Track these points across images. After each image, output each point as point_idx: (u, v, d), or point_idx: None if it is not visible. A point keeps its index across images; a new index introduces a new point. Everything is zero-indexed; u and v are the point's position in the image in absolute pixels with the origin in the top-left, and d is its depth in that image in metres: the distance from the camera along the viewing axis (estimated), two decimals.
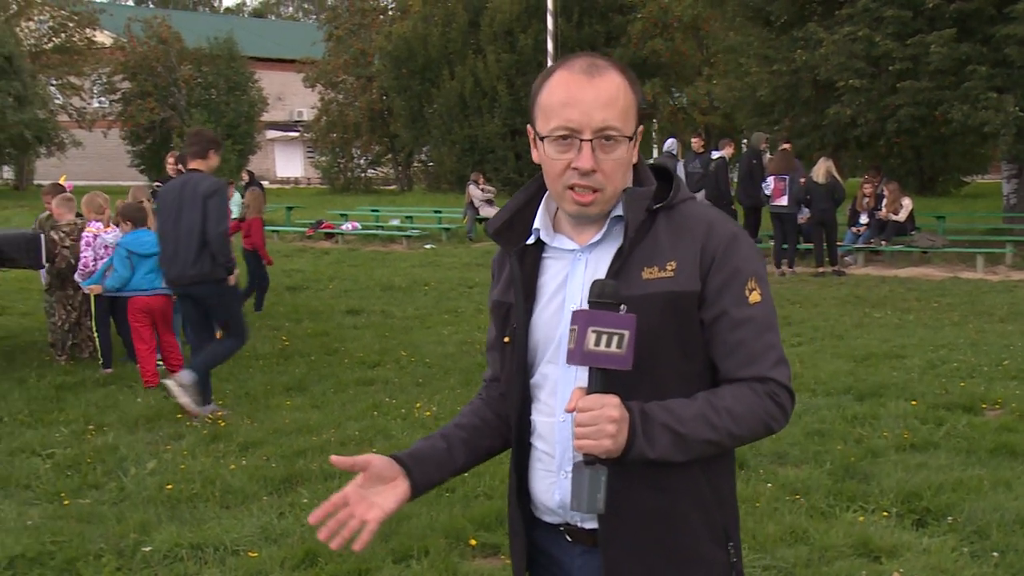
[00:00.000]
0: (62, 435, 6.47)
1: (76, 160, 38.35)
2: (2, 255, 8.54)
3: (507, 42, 30.17)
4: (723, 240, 1.93)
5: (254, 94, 40.04)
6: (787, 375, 1.94)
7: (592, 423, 1.78)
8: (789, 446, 6.03)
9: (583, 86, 1.89)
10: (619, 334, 1.78)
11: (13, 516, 4.97)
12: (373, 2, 39.78)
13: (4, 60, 33.16)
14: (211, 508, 5.10)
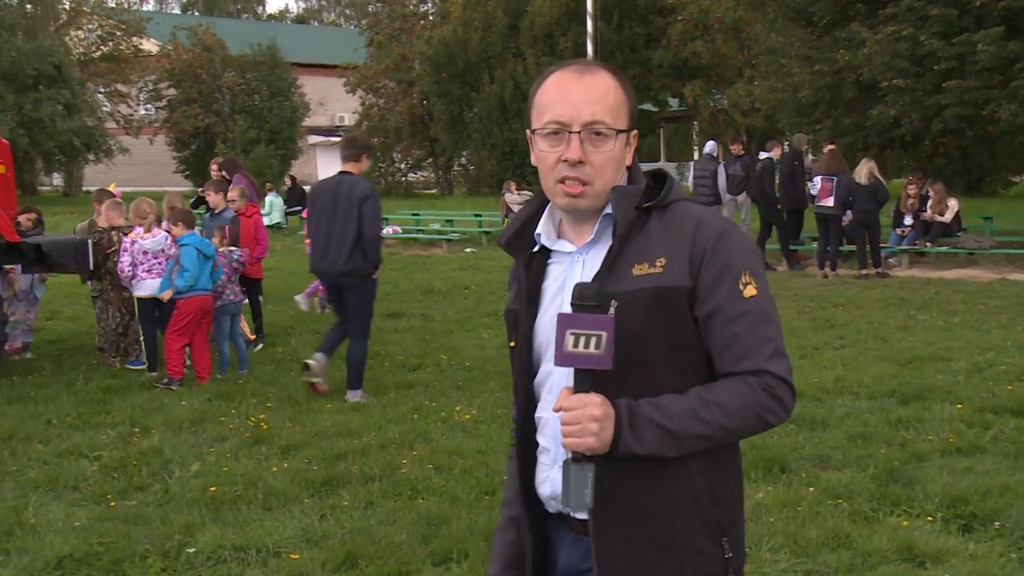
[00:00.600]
0: (109, 437, 6.58)
1: (123, 166, 38.92)
2: (51, 261, 8.71)
3: (547, 45, 30.15)
4: (712, 236, 1.96)
5: (296, 100, 40.39)
6: (785, 367, 1.96)
7: (575, 422, 1.86)
8: (831, 449, 5.98)
9: (573, 83, 2.00)
10: (596, 335, 1.84)
11: (61, 517, 5.06)
12: (414, 7, 39.98)
13: (54, 69, 33.77)
14: (253, 510, 5.16)
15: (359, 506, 5.19)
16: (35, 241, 8.75)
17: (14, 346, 9.37)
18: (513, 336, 2.12)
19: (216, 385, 8.06)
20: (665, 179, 2.08)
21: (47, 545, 4.63)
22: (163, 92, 40.46)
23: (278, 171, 32.71)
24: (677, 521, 1.97)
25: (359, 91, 38.98)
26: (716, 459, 2.00)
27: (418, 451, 6.15)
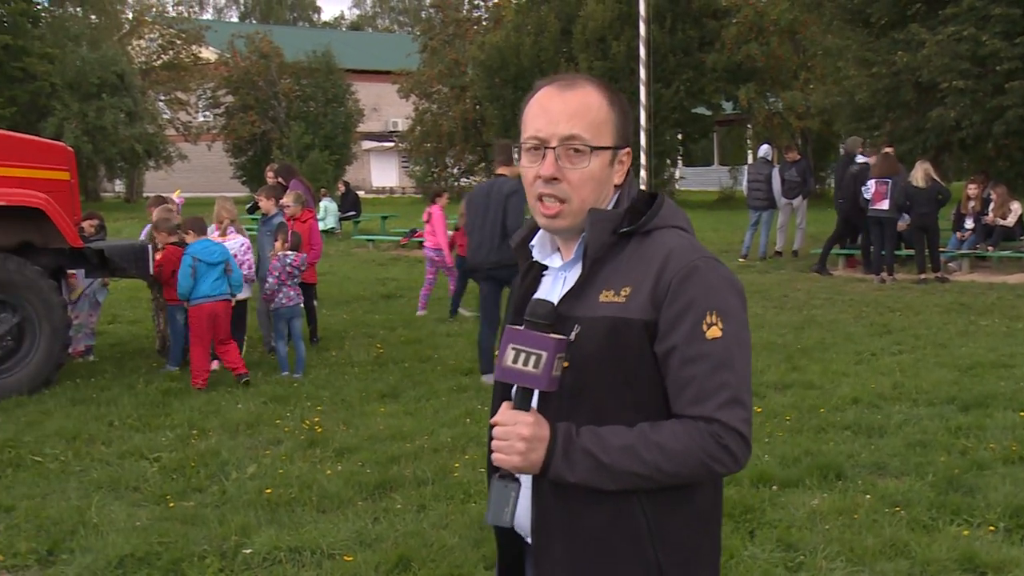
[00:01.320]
0: (168, 439, 6.70)
1: (182, 172, 39.61)
2: (113, 265, 8.90)
3: (599, 49, 30.09)
4: (680, 270, 1.87)
5: (351, 105, 40.78)
6: (739, 417, 1.86)
7: (504, 438, 1.83)
8: (889, 457, 5.89)
9: (554, 98, 1.94)
10: (536, 354, 1.79)
11: (123, 517, 5.16)
12: (467, 13, 40.17)
13: (116, 78, 34.50)
14: (308, 512, 5.22)
15: (412, 509, 5.22)
16: (98, 246, 8.95)
17: (77, 349, 9.59)
18: None
19: (271, 388, 8.17)
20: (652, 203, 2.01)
21: (109, 544, 4.73)
22: (221, 99, 41.11)
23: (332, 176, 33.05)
24: (612, 558, 1.90)
25: (412, 96, 39.25)
26: (665, 498, 1.89)
27: (470, 455, 6.17)
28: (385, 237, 22.09)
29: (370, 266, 17.54)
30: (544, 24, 31.51)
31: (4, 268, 8.05)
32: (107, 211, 23.75)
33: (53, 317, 8.31)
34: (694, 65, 30.50)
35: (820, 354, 9.11)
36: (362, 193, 32.22)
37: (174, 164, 38.65)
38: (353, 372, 8.73)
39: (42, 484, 5.78)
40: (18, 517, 5.17)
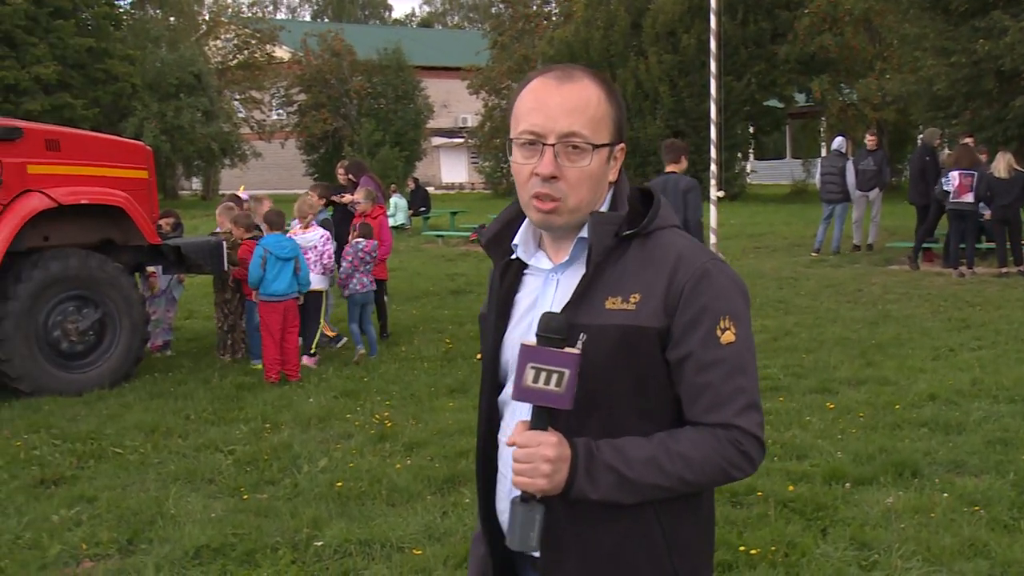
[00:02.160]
0: (242, 433, 6.83)
1: (256, 170, 40.34)
2: (189, 262, 9.11)
3: (669, 43, 29.84)
4: (692, 275, 1.81)
5: (420, 102, 41.09)
6: (756, 422, 1.82)
7: (527, 460, 1.74)
8: (968, 455, 5.75)
9: (551, 91, 1.84)
10: (558, 372, 1.71)
11: (199, 508, 5.28)
12: (537, 8, 40.16)
13: (194, 78, 35.25)
14: (378, 506, 5.28)
15: None
16: (175, 243, 9.17)
17: (155, 344, 9.84)
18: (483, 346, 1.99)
19: (342, 382, 8.28)
20: (651, 202, 1.93)
21: (186, 535, 4.85)
22: (294, 97, 41.74)
23: (402, 173, 33.33)
24: (630, 570, 1.85)
25: (482, 93, 39.38)
26: (676, 506, 1.86)
27: None
28: (454, 233, 22.20)
29: (439, 262, 17.65)
30: (614, 18, 31.34)
31: (86, 265, 8.29)
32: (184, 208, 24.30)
33: (132, 313, 8.53)
34: (766, 57, 30.07)
35: (895, 350, 8.92)
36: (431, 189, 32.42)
37: (248, 162, 39.35)
38: (422, 367, 8.81)
39: (122, 475, 5.94)
40: (100, 507, 5.32)
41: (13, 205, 7.87)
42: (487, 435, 1.98)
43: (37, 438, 6.72)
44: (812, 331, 9.99)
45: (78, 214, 8.37)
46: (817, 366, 8.39)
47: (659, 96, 29.84)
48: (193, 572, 4.49)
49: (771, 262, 15.84)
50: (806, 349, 9.13)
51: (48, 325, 8.09)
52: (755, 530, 4.73)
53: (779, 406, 7.06)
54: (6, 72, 28.90)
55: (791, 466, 5.69)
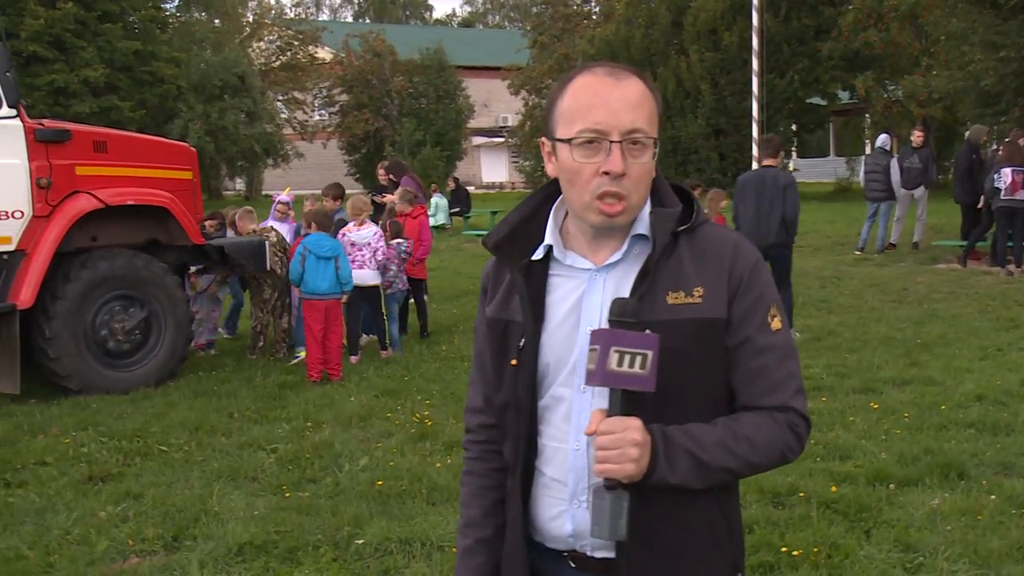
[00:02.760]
0: (284, 431, 6.90)
1: (298, 170, 40.66)
2: (232, 261, 9.22)
3: (711, 41, 29.64)
4: (749, 265, 1.88)
5: (461, 102, 41.20)
6: (805, 405, 1.90)
7: (614, 447, 1.72)
8: (1016, 456, 5.66)
9: (610, 87, 1.81)
10: (643, 354, 1.71)
11: (242, 506, 5.34)
12: (577, 7, 40.10)
13: (238, 79, 35.61)
14: (418, 504, 5.30)
15: None
16: (218, 243, 9.28)
17: (199, 343, 9.97)
18: (506, 350, 1.94)
19: (383, 382, 8.33)
20: (689, 198, 1.94)
21: (229, 532, 4.90)
22: (336, 98, 42.03)
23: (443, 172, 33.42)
24: (699, 562, 1.88)
25: (522, 92, 39.39)
26: (731, 492, 1.94)
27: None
28: None
29: (480, 261, 17.66)
30: (655, 16, 31.20)
31: (132, 265, 8.42)
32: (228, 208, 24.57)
33: (177, 312, 8.65)
34: (809, 54, 29.76)
35: (941, 349, 8.79)
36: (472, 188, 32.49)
37: (291, 162, 39.69)
38: (462, 366, 8.83)
39: (167, 473, 6.02)
40: (146, 504, 5.40)
41: (62, 206, 8.02)
42: (528, 442, 1.93)
43: (85, 435, 6.84)
44: (856, 331, 9.87)
45: (124, 214, 8.51)
46: (861, 366, 8.29)
47: (700, 94, 29.66)
48: (236, 569, 4.54)
49: (814, 261, 15.68)
50: (849, 349, 9.03)
51: (96, 324, 8.23)
52: (797, 531, 4.69)
53: (822, 406, 6.99)
54: (56, 75, 29.39)
55: (834, 467, 5.63)
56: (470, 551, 2.05)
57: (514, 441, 1.94)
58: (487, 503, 2.05)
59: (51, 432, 6.95)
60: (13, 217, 7.76)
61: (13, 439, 6.81)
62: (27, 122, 7.88)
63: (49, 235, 7.90)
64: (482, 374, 2.04)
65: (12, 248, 7.79)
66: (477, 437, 2.08)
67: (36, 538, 4.93)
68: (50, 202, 7.95)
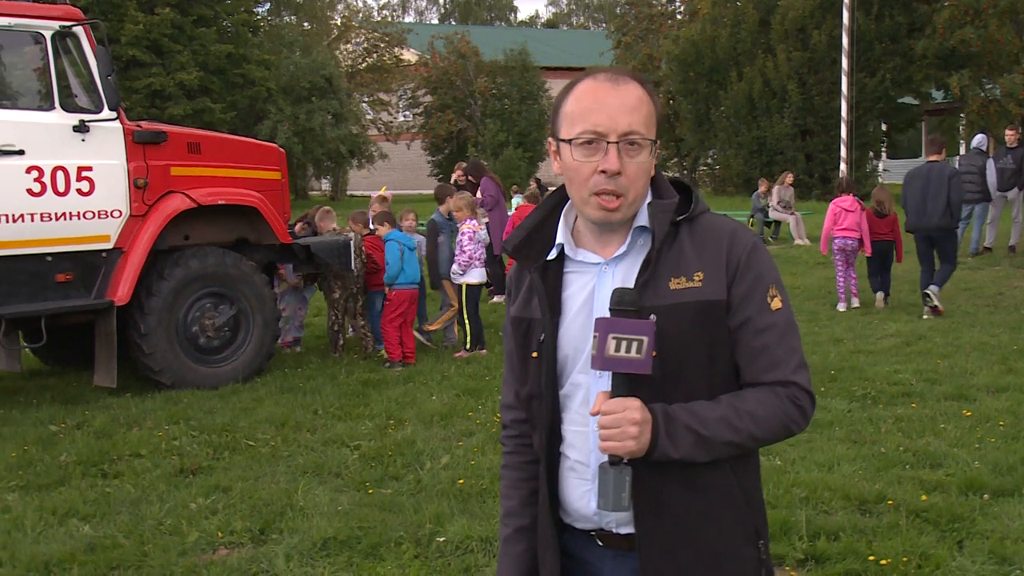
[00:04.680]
0: (367, 428, 6.99)
1: (382, 171, 41.14)
2: (319, 260, 9.39)
3: (799, 40, 29.12)
4: (745, 248, 2.00)
5: (544, 103, 41.20)
6: (807, 379, 2.00)
7: (615, 425, 1.87)
8: None
9: (609, 92, 1.98)
10: (638, 340, 1.85)
11: (326, 501, 5.43)
12: (662, 7, 39.80)
13: (325, 81, 36.19)
14: (499, 504, 5.31)
15: None
16: (304, 242, 9.45)
17: (286, 340, 10.17)
18: (529, 346, 2.08)
19: (464, 381, 8.38)
20: (689, 191, 2.08)
21: (314, 527, 4.99)
22: (420, 99, 42.41)
23: (525, 173, 33.47)
24: (717, 528, 1.99)
25: None
26: (747, 463, 2.04)
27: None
28: None
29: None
30: (741, 15, 30.79)
31: (223, 263, 8.63)
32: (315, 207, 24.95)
33: (265, 309, 8.84)
34: (902, 52, 29.02)
35: None
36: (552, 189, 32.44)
37: (375, 163, 40.18)
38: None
39: (255, 467, 6.16)
40: (234, 497, 5.53)
41: (158, 205, 8.26)
42: (551, 430, 2.06)
43: (177, 429, 7.04)
44: (947, 336, 9.60)
45: (215, 213, 8.73)
46: (953, 372, 8.06)
47: (787, 94, 29.16)
48: (321, 563, 4.62)
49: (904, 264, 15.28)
50: (941, 354, 8.78)
51: (187, 321, 8.46)
52: (885, 539, 4.59)
53: (911, 412, 6.82)
54: (153, 79, 30.28)
55: (924, 475, 5.49)
56: (510, 540, 2.21)
57: (540, 430, 2.08)
58: (523, 494, 2.19)
59: (145, 425, 7.17)
60: (112, 216, 8.02)
61: (110, 431, 7.05)
62: (126, 124, 8.14)
63: (145, 234, 8.14)
64: (512, 372, 2.19)
65: (110, 246, 8.05)
66: (511, 432, 2.24)
67: (131, 527, 5.09)
68: (146, 201, 8.19)
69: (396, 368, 8.94)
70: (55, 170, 7.68)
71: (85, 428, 7.16)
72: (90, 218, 7.90)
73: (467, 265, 9.44)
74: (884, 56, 28.74)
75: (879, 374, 8.05)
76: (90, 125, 7.86)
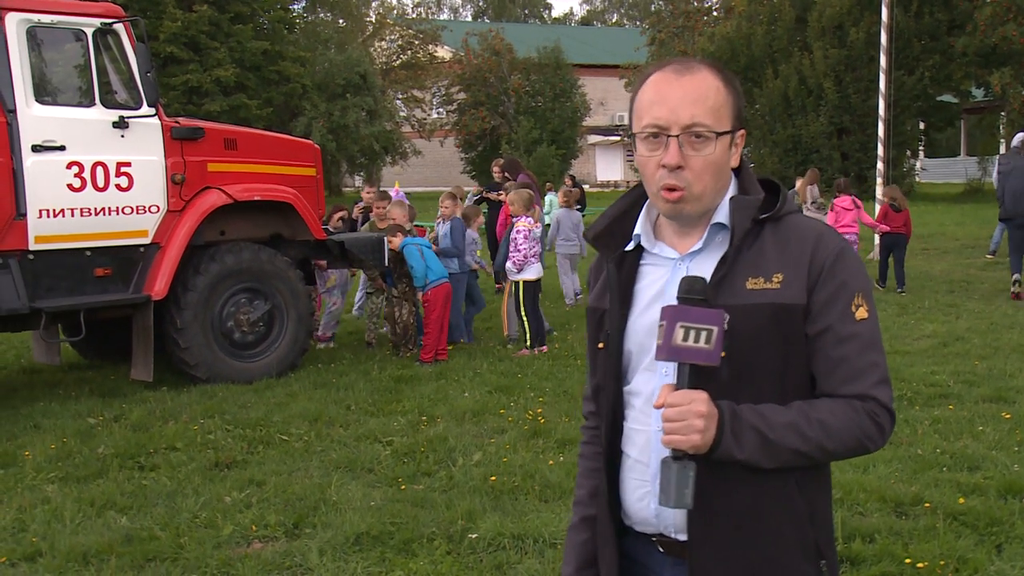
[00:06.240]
0: (399, 424, 7.02)
1: (416, 168, 41.29)
2: (352, 257, 9.44)
3: (836, 37, 28.87)
4: (831, 253, 1.89)
5: (577, 100, 41.15)
6: (889, 396, 1.88)
7: (680, 418, 1.79)
8: None
9: (672, 84, 1.90)
10: (707, 329, 1.78)
11: (359, 496, 5.46)
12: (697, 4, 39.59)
13: (360, 78, 36.36)
14: (530, 501, 5.32)
15: None
16: (339, 238, 9.50)
17: (324, 335, 10.23)
18: (601, 336, 2.04)
19: (496, 378, 8.39)
20: (777, 189, 1.99)
21: (347, 521, 5.02)
22: (454, 96, 42.50)
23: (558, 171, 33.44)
24: (775, 539, 1.90)
25: None
26: (814, 476, 1.94)
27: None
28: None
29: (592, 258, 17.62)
30: (778, 12, 30.58)
31: (258, 259, 8.69)
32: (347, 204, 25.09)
33: (299, 305, 8.90)
34: (941, 50, 28.70)
35: None
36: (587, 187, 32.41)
37: (408, 159, 40.32)
38: (575, 364, 8.83)
39: (288, 462, 6.20)
40: (268, 491, 5.58)
41: (195, 201, 8.33)
42: (613, 425, 2.02)
43: (212, 423, 7.10)
44: (986, 337, 9.48)
45: (250, 209, 8.79)
46: (992, 374, 7.96)
47: (823, 92, 28.92)
48: (354, 558, 4.65)
49: (941, 264, 15.12)
50: (979, 356, 8.67)
51: (223, 315, 8.53)
52: (922, 542, 4.54)
53: (948, 414, 6.74)
54: (190, 75, 30.55)
55: (961, 477, 5.43)
56: (576, 528, 2.18)
57: (603, 424, 2.04)
58: (593, 484, 2.13)
59: (181, 419, 7.24)
60: (150, 212, 8.11)
61: (146, 424, 7.13)
62: (164, 120, 8.22)
63: (182, 229, 8.22)
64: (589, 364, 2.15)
65: (148, 241, 8.14)
66: (589, 423, 2.20)
67: (167, 520, 5.15)
68: (183, 197, 8.27)
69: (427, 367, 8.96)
70: (95, 166, 7.77)
71: (122, 421, 7.25)
72: (128, 213, 7.98)
73: (522, 263, 9.46)
74: (923, 54, 28.43)
75: (916, 375, 7.97)
76: (129, 121, 7.94)
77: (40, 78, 7.87)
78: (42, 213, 7.55)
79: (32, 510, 5.33)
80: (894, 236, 12.76)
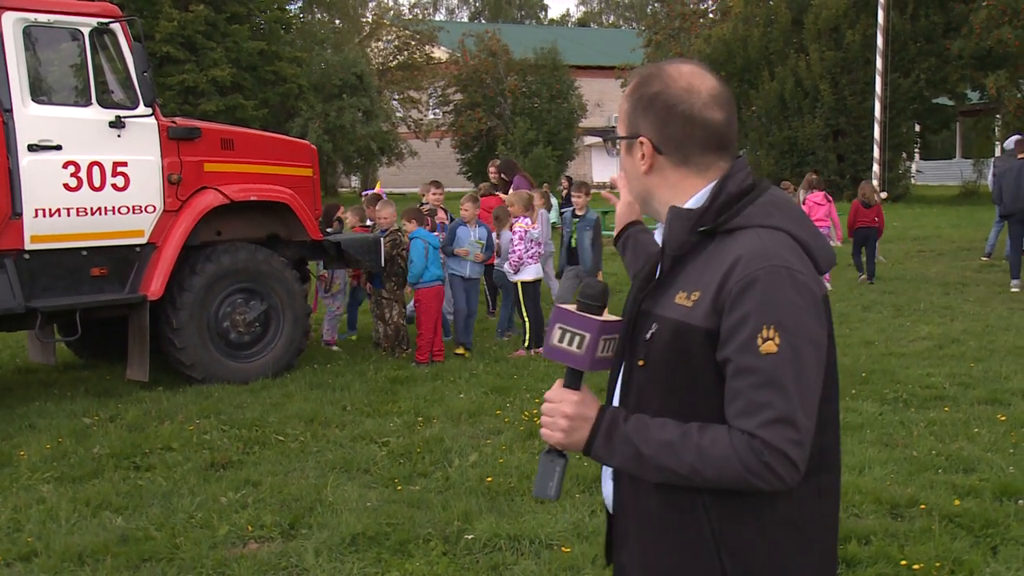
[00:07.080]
0: (395, 425, 7.02)
1: (412, 168, 41.24)
2: (349, 257, 9.43)
3: (832, 39, 28.92)
4: (742, 279, 1.77)
5: (574, 101, 41.13)
6: (785, 437, 1.73)
7: (549, 414, 1.90)
8: None
9: None
10: (580, 335, 1.85)
11: (355, 497, 5.46)
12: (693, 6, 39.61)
13: (356, 79, 36.35)
14: (527, 502, 5.33)
15: None
16: (335, 239, 9.49)
17: (332, 338, 10.21)
18: None
19: (492, 379, 8.39)
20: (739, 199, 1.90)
21: (343, 522, 5.02)
22: (450, 97, 42.47)
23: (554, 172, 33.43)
24: (679, 555, 1.87)
25: None
26: (731, 502, 1.82)
27: None
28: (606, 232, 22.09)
29: None
30: (774, 14, 30.62)
31: (254, 259, 8.68)
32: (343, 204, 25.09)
33: (295, 305, 8.89)
34: (937, 53, 28.76)
35: None
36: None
37: (405, 160, 40.28)
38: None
39: (284, 462, 6.20)
40: (264, 492, 5.57)
41: (191, 201, 8.32)
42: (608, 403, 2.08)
43: (208, 423, 7.10)
44: (981, 339, 9.50)
45: (247, 209, 8.78)
46: (987, 376, 7.98)
47: (819, 94, 28.97)
48: (350, 559, 4.65)
49: (936, 266, 15.15)
50: (974, 358, 8.69)
51: (218, 316, 8.52)
52: (917, 544, 4.55)
53: (944, 416, 6.76)
54: (186, 75, 30.53)
55: (957, 479, 5.44)
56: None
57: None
58: None
59: (176, 419, 7.23)
60: (146, 211, 8.10)
61: (142, 424, 7.12)
62: (161, 120, 8.21)
63: (178, 229, 8.21)
64: None
65: (144, 241, 8.12)
66: None
67: (163, 520, 5.14)
68: (180, 197, 8.26)
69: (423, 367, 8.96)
70: (91, 165, 7.76)
71: (118, 421, 7.24)
72: (125, 213, 7.97)
73: (518, 264, 9.45)
74: (919, 56, 28.48)
75: (911, 377, 7.98)
76: (126, 121, 7.93)
77: (36, 77, 7.86)
78: (38, 213, 7.54)
79: (27, 510, 5.33)
80: (866, 230, 13.58)
